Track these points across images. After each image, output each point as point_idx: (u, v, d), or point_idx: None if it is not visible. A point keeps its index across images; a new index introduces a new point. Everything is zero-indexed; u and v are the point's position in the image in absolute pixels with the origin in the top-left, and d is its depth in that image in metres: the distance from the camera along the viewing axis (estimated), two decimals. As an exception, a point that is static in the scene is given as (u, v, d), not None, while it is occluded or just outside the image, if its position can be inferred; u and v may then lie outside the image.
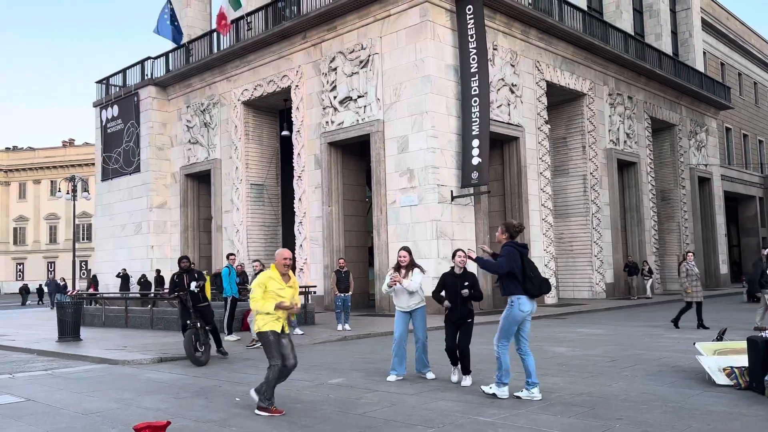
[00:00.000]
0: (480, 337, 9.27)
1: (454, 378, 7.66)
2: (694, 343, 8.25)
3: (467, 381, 7.48)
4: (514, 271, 6.49)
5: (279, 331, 6.34)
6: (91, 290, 28.49)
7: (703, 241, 31.64)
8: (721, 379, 7.13)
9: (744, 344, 7.18)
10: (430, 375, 7.98)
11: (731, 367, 7.09)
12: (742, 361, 7.06)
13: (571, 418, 5.76)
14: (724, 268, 33.81)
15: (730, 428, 5.31)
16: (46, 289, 33.65)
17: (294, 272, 6.62)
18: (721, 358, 7.46)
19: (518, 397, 6.59)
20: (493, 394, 6.62)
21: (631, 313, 18.46)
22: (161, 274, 25.12)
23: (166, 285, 23.85)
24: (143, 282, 25.21)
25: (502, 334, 6.61)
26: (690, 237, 30.31)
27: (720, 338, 8.36)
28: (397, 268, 7.97)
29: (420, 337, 7.98)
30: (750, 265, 22.06)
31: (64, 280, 36.58)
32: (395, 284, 7.81)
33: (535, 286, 6.52)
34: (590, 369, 8.46)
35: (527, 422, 5.63)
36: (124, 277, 26.23)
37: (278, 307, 6.27)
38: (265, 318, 6.33)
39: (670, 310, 19.16)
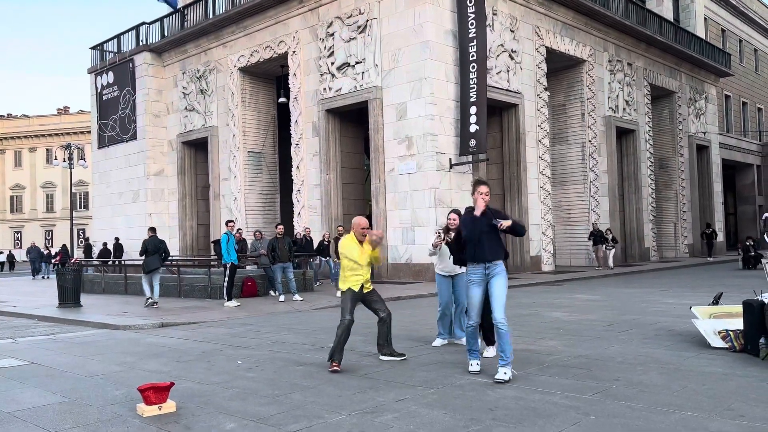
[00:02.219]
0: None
1: (490, 353, 7.05)
2: (690, 307, 8.34)
3: (491, 352, 7.04)
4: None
5: (357, 290, 6.69)
6: (57, 259, 28.32)
7: (700, 209, 31.74)
8: (717, 341, 7.22)
9: (739, 308, 7.26)
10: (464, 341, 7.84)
11: (726, 330, 7.18)
12: (737, 324, 7.15)
13: (569, 379, 5.85)
14: (720, 236, 33.99)
15: (724, 388, 5.40)
16: (27, 257, 33.49)
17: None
18: (717, 321, 7.54)
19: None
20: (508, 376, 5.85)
21: (628, 280, 18.62)
22: (120, 242, 25.99)
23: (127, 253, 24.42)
24: (104, 250, 25.61)
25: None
26: (687, 205, 30.40)
27: (716, 302, 8.44)
28: (446, 230, 7.58)
29: (462, 302, 7.78)
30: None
31: (48, 248, 36.46)
32: (440, 243, 7.53)
33: None
34: (587, 333, 8.57)
35: (525, 383, 5.72)
36: (117, 247, 26.27)
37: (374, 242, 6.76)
38: (348, 279, 6.70)
39: (665, 278, 19.37)
